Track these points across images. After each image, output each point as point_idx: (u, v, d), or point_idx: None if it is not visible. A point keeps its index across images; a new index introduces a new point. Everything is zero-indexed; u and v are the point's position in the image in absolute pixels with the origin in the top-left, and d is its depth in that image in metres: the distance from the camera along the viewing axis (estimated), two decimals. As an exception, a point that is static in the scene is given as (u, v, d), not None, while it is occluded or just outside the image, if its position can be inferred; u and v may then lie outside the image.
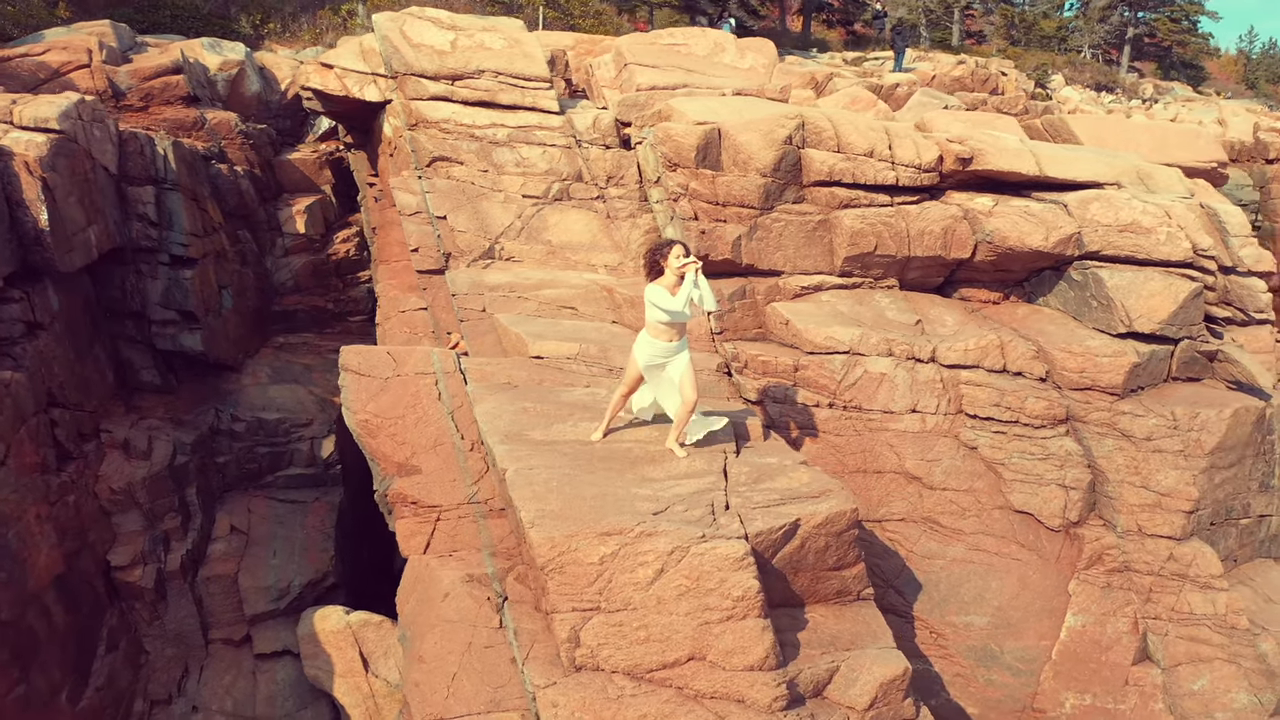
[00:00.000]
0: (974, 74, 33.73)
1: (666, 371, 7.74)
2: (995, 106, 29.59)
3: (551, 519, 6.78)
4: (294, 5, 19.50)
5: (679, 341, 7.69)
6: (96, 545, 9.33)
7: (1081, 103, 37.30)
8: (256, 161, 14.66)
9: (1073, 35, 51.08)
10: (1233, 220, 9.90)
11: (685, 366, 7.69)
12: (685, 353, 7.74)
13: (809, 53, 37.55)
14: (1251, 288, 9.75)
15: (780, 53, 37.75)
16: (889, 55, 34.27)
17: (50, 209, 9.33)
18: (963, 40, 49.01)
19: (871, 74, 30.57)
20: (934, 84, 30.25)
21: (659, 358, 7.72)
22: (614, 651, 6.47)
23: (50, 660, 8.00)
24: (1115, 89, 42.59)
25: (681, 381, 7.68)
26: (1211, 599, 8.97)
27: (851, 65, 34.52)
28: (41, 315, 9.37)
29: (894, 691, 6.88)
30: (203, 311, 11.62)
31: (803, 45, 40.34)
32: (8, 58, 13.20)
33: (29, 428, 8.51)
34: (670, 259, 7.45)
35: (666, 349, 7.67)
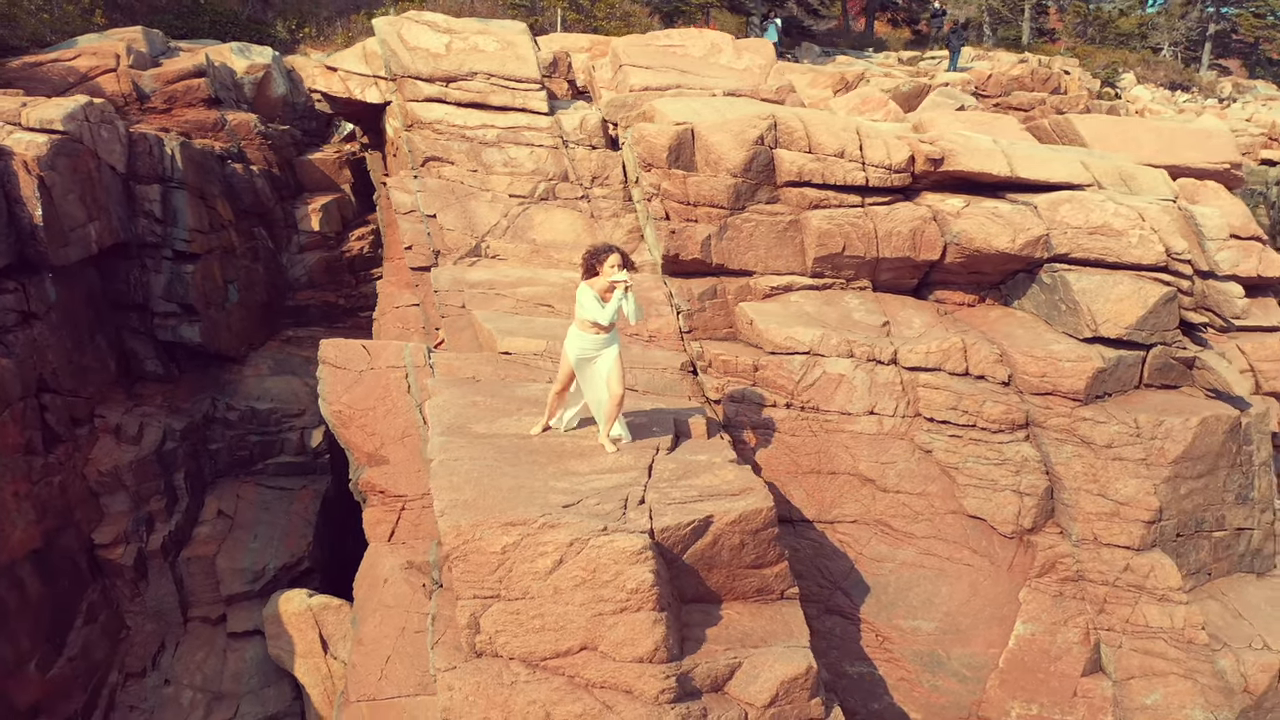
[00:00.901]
0: (1034, 73, 32.93)
1: (595, 366, 7.86)
2: (1054, 106, 28.96)
3: (461, 508, 6.95)
4: (329, 10, 20.12)
5: (607, 335, 7.80)
6: (82, 524, 9.86)
7: (1152, 102, 36.15)
8: (275, 161, 15.21)
9: (1153, 33, 49.49)
10: (1210, 223, 9.59)
11: (613, 361, 7.80)
12: (614, 347, 7.84)
13: (863, 53, 37.15)
14: (1228, 293, 9.43)
15: (832, 52, 37.48)
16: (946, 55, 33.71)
17: (46, 206, 9.89)
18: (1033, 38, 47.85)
19: (925, 74, 30.16)
20: (990, 84, 29.72)
21: (589, 351, 7.85)
22: (510, 639, 6.62)
23: (20, 630, 8.51)
24: (1190, 88, 41.13)
25: (609, 376, 7.79)
26: (1169, 612, 8.73)
27: (906, 65, 34.08)
28: (37, 306, 9.94)
29: (796, 690, 6.88)
30: (203, 305, 12.15)
31: (859, 45, 39.90)
32: (40, 62, 13.96)
33: (14, 411, 9.05)
34: (604, 268, 7.58)
35: (595, 342, 7.79)
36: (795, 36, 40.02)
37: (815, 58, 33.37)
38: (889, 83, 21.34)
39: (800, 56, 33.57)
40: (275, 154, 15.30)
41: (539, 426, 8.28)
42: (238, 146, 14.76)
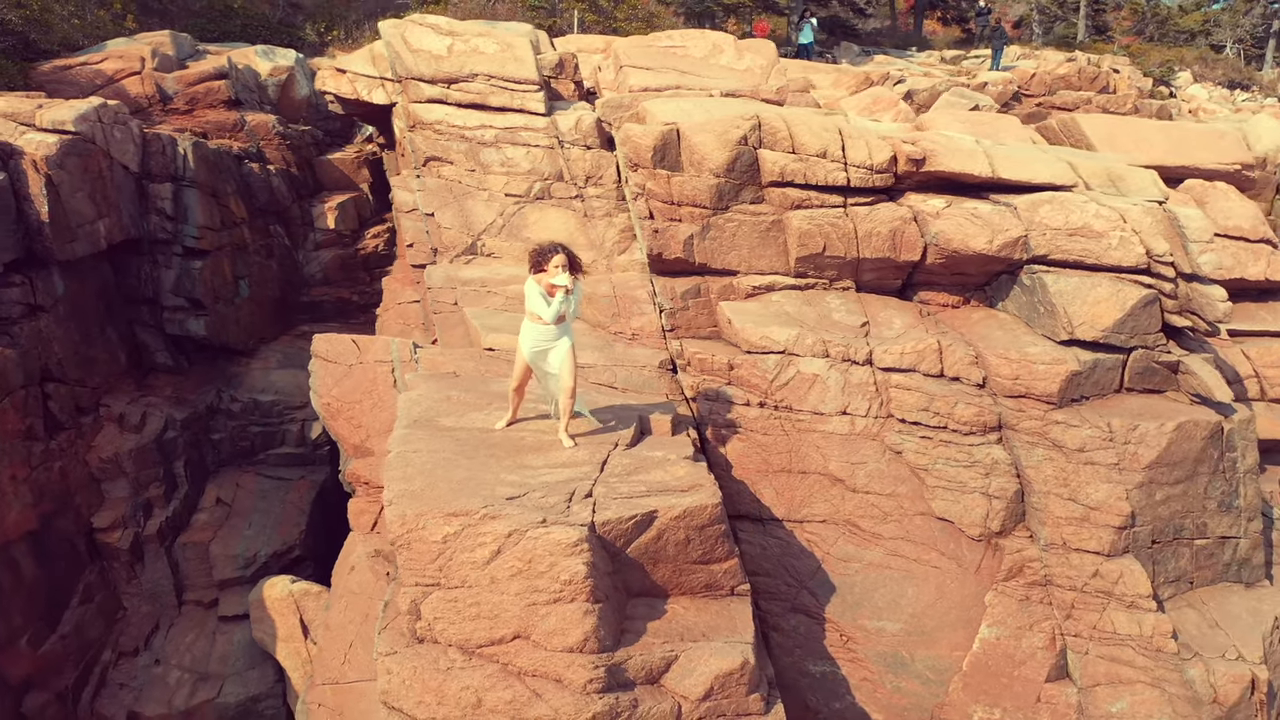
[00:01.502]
0: (1081, 72, 32.30)
1: (549, 359, 7.99)
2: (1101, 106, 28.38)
3: (409, 498, 7.15)
4: (358, 13, 20.58)
5: (558, 328, 7.91)
6: (82, 508, 10.29)
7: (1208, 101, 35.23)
8: (293, 161, 15.63)
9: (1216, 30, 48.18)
10: (1193, 225, 9.40)
11: (564, 354, 7.92)
12: (564, 340, 7.95)
13: (906, 52, 36.77)
14: (1210, 296, 9.24)
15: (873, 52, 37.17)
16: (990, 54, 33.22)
17: (53, 203, 10.34)
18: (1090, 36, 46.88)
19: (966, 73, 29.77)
20: (1033, 83, 29.20)
21: (541, 343, 7.97)
22: (448, 626, 6.80)
23: (13, 608, 8.92)
24: (1250, 86, 39.96)
25: (560, 369, 7.92)
26: (1138, 619, 8.60)
27: (949, 65, 33.66)
28: (43, 299, 10.40)
29: (732, 685, 6.94)
30: (211, 300, 12.57)
31: (904, 44, 39.48)
32: (69, 65, 14.55)
33: (14, 399, 9.49)
34: (549, 267, 7.71)
35: (545, 334, 7.92)
36: (839, 35, 39.81)
37: (854, 57, 33.12)
38: (925, 82, 21.13)
39: (839, 56, 33.37)
40: (294, 154, 15.72)
41: (503, 421, 8.44)
42: (257, 146, 15.20)
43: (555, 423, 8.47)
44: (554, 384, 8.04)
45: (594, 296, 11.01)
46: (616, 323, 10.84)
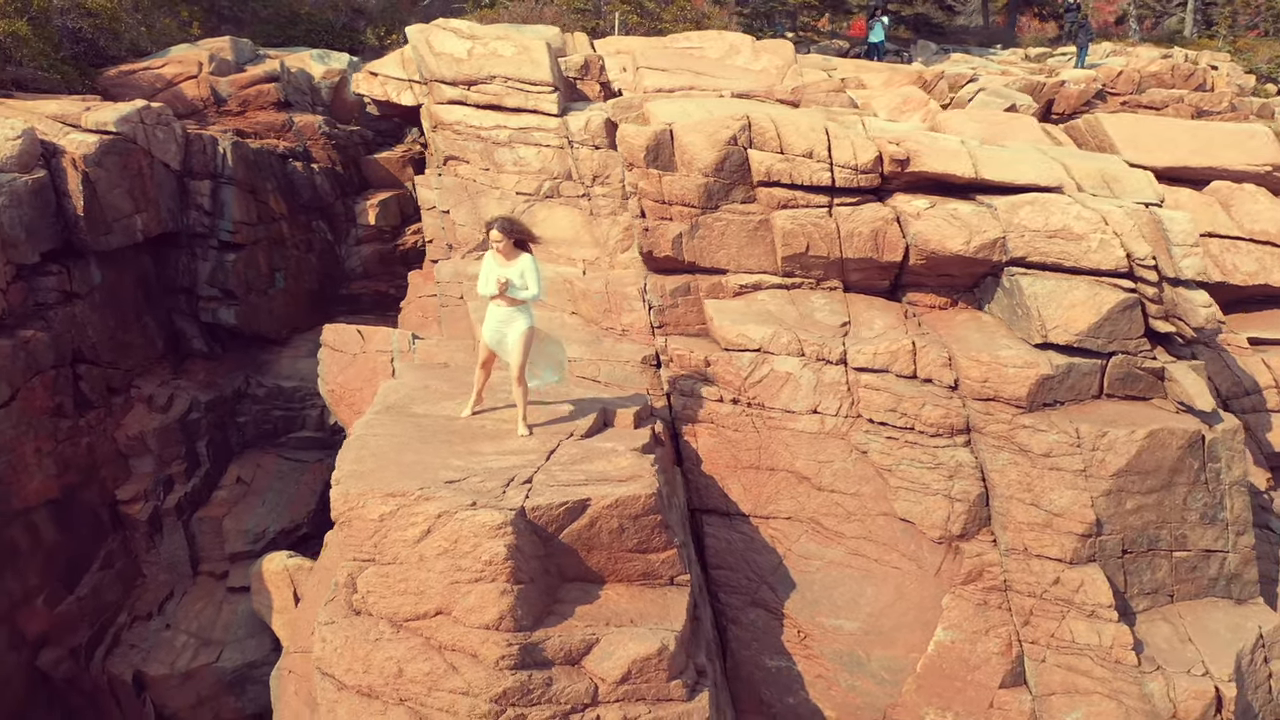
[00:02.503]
0: (1175, 69, 31.06)
1: (506, 342, 8.27)
2: (1194, 105, 27.25)
3: (355, 478, 7.56)
4: (419, 17, 21.30)
5: (512, 309, 8.21)
6: (108, 480, 11.10)
7: (1318, 98, 33.42)
8: (339, 160, 16.37)
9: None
10: (1176, 228, 9.10)
11: (517, 336, 8.21)
12: (519, 321, 8.23)
13: (989, 50, 35.92)
14: (1193, 301, 8.95)
15: (953, 49, 36.42)
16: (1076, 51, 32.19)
17: (89, 198, 11.17)
18: (1195, 32, 44.88)
19: (1048, 71, 28.94)
20: (1120, 81, 28.23)
21: (495, 325, 8.29)
22: (379, 599, 7.19)
23: (29, 569, 9.72)
24: (1376, 84, 37.67)
25: (510, 353, 8.20)
26: (1097, 629, 8.43)
27: (1033, 62, 32.75)
28: (79, 286, 11.24)
29: (650, 670, 7.13)
30: (243, 290, 13.33)
31: (989, 42, 38.56)
32: (133, 70, 15.57)
33: (44, 379, 10.31)
34: (489, 238, 8.09)
35: (498, 314, 8.25)
36: (923, 33, 39.16)
37: (930, 56, 32.53)
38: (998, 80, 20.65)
39: (915, 55, 32.85)
40: (340, 153, 16.46)
41: (467, 409, 8.77)
42: (303, 146, 15.99)
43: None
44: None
45: (588, 292, 11.30)
46: (608, 318, 11.11)
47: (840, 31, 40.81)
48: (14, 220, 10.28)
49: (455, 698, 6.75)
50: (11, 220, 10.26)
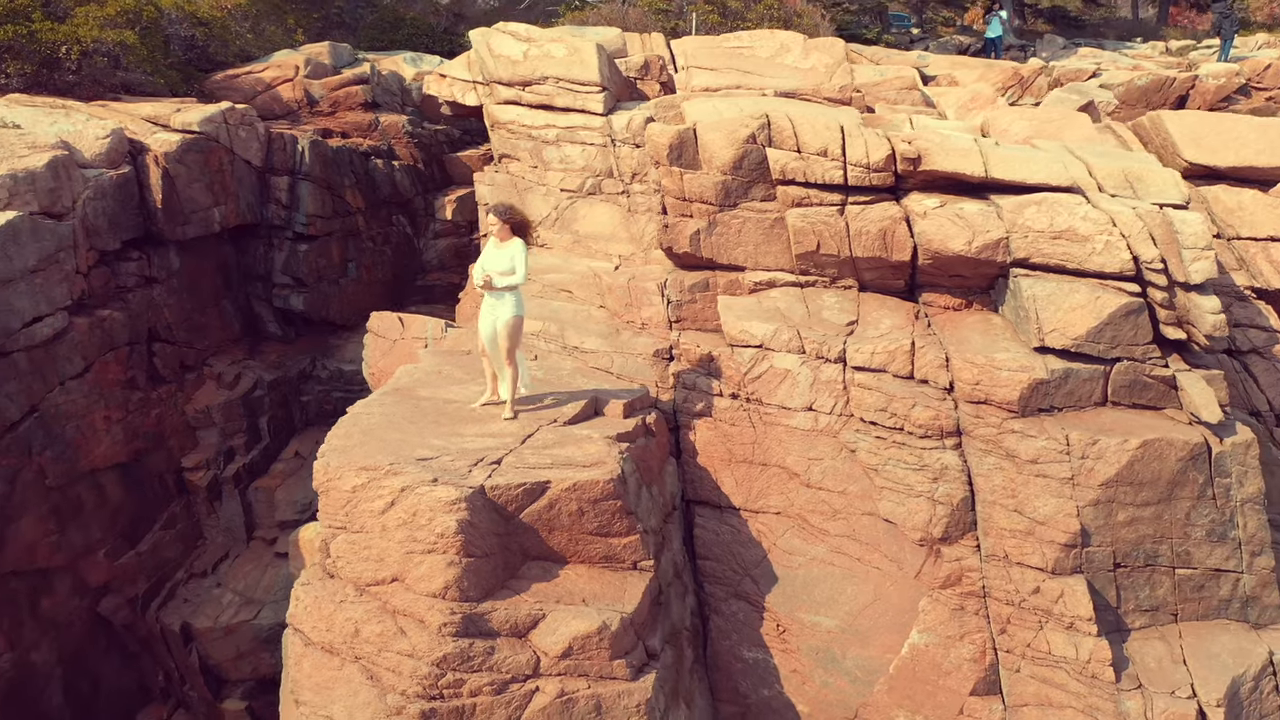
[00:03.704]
0: (1332, 62, 28.89)
1: (494, 331, 8.71)
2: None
3: (338, 453, 8.15)
4: (516, 20, 22.03)
5: (498, 298, 8.64)
6: (175, 449, 12.19)
7: None
8: (421, 158, 17.26)
9: None
10: (1188, 230, 8.63)
11: (502, 324, 8.63)
12: (505, 311, 8.64)
13: (1127, 44, 34.17)
14: (1202, 307, 8.49)
15: (1084, 43, 34.83)
16: (1221, 44, 30.28)
17: (167, 192, 12.28)
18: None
19: (1187, 66, 27.37)
20: (1268, 75, 26.44)
21: (486, 315, 8.76)
22: (347, 564, 7.74)
23: (93, 523, 10.81)
24: None
25: (499, 336, 8.62)
26: (1075, 642, 8.19)
27: (1173, 56, 30.99)
28: (157, 272, 12.38)
29: (592, 647, 7.44)
30: (314, 279, 14.30)
31: (1128, 35, 36.69)
32: (237, 75, 16.87)
33: (119, 354, 11.43)
34: (488, 219, 8.59)
35: (487, 305, 8.71)
36: (1061, 26, 37.63)
37: (1057, 50, 31.23)
38: (1122, 76, 19.73)
39: (1041, 49, 31.60)
40: (422, 151, 17.34)
41: (481, 400, 9.11)
42: (388, 144, 16.94)
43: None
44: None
45: (613, 287, 11.63)
46: (629, 312, 11.41)
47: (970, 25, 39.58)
48: (97, 211, 11.45)
49: (401, 659, 7.24)
50: (95, 211, 11.43)
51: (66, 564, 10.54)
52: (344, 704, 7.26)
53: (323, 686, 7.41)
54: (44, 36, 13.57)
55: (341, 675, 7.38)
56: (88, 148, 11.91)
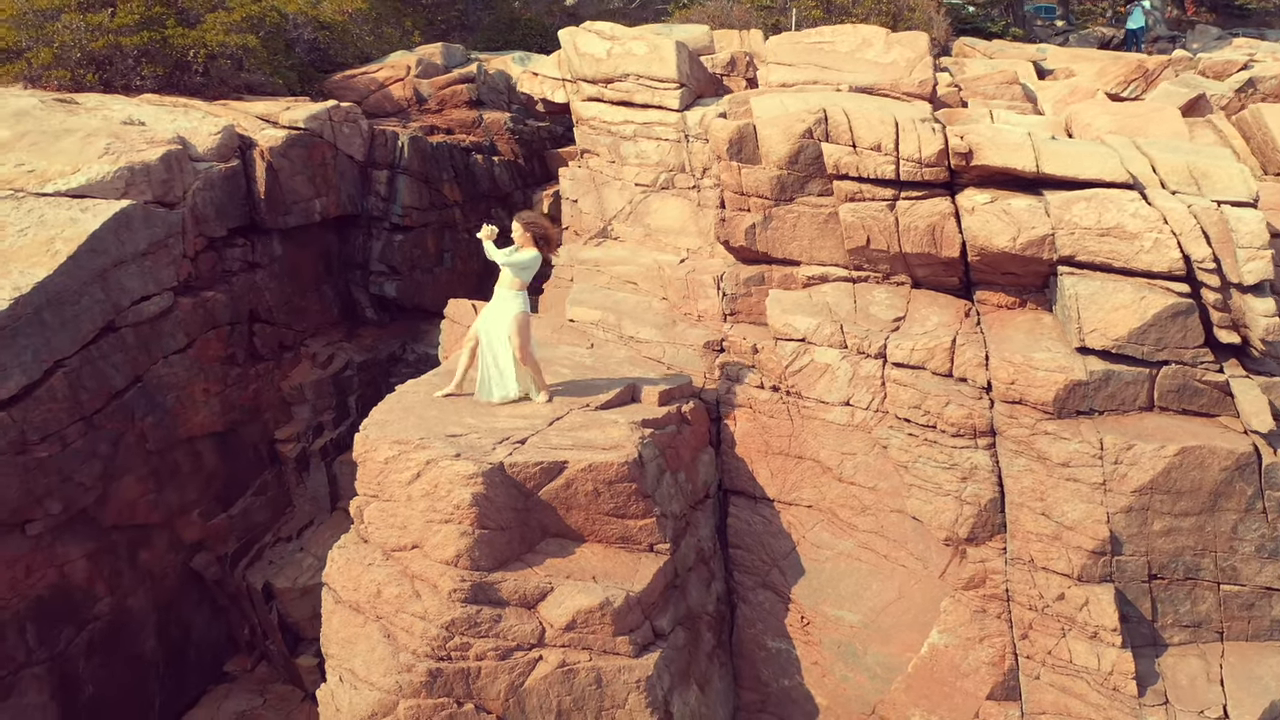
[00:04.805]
0: None
1: (499, 326, 9.12)
2: None
3: (377, 426, 8.74)
4: (628, 20, 22.46)
5: (505, 295, 9.08)
6: (269, 422, 13.16)
7: None
8: (521, 153, 17.90)
9: None
10: (1243, 229, 8.11)
11: (509, 318, 8.99)
12: (512, 306, 9.04)
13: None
14: (1254, 309, 8.00)
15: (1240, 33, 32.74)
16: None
17: (270, 184, 13.27)
18: None
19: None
20: None
21: (490, 311, 9.20)
22: (376, 530, 8.31)
23: (189, 485, 11.82)
24: None
25: (508, 331, 9.01)
26: (1098, 652, 7.93)
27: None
28: (260, 258, 13.38)
29: (595, 622, 7.75)
30: (407, 268, 15.10)
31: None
32: (353, 75, 17.94)
33: (220, 332, 12.45)
34: (512, 225, 9.09)
35: (495, 298, 9.16)
36: (1223, 16, 35.42)
37: (1209, 41, 29.41)
38: (1277, 69, 18.53)
39: (1190, 40, 29.79)
40: (524, 147, 17.98)
41: (544, 396, 9.46)
42: (490, 140, 17.65)
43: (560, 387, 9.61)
44: None
45: (673, 279, 11.86)
46: (686, 304, 11.62)
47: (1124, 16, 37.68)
48: (206, 201, 12.50)
49: (414, 620, 7.72)
50: (204, 201, 12.48)
51: (163, 521, 11.59)
52: (363, 658, 7.81)
53: (347, 641, 7.98)
54: (175, 41, 14.85)
55: (363, 632, 7.93)
56: (201, 143, 13.01)
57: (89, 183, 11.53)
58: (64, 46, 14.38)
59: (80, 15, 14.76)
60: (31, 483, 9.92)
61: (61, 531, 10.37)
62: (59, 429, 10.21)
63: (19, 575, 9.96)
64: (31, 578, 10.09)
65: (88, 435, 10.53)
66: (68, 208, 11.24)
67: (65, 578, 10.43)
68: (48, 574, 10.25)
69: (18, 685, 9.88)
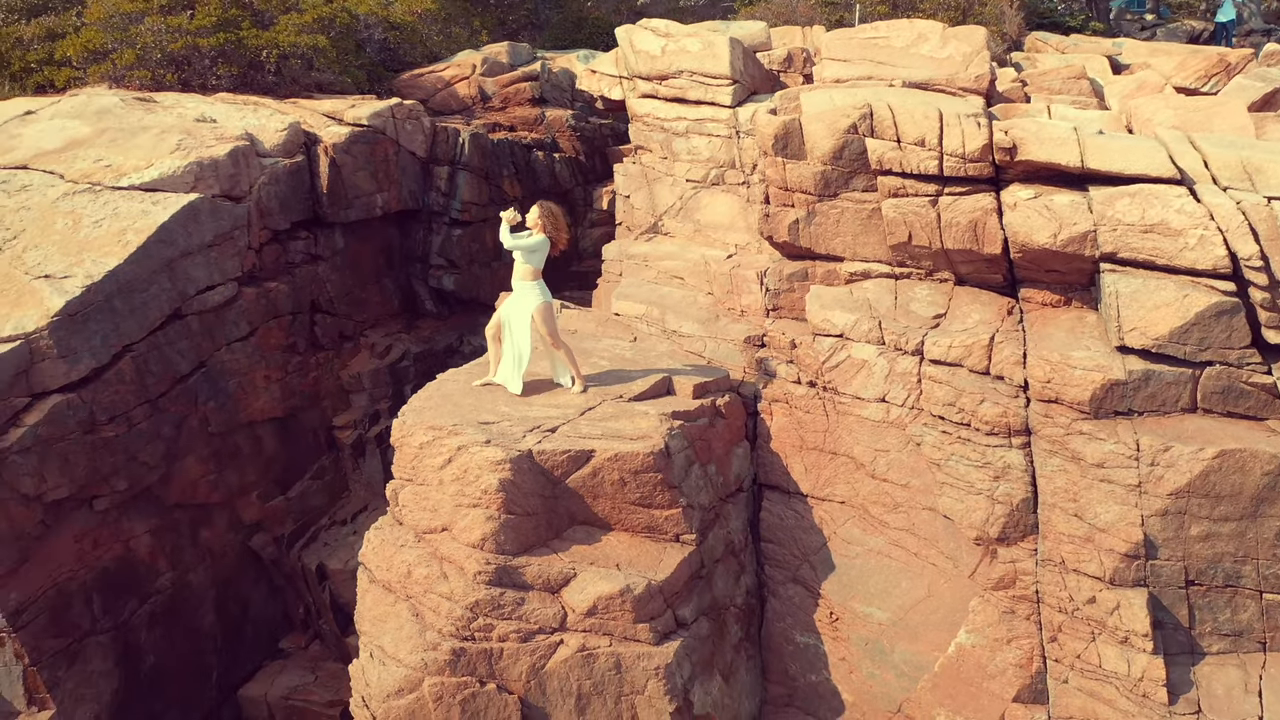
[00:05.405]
0: None
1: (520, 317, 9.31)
2: None
3: (415, 412, 9.02)
4: (694, 18, 22.49)
5: (525, 287, 9.31)
6: (328, 409, 13.61)
7: None
8: (583, 150, 18.11)
9: None
10: (1294, 225, 7.83)
11: (533, 309, 9.20)
12: (532, 297, 9.25)
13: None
14: (1303, 310, 7.71)
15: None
16: None
17: (333, 179, 13.71)
18: None
19: None
20: None
21: (513, 300, 9.38)
22: (410, 513, 8.58)
23: (248, 467, 12.31)
24: None
25: (536, 324, 9.20)
26: (1128, 657, 7.75)
27: None
28: (322, 250, 13.84)
29: (615, 608, 7.89)
30: (466, 262, 15.44)
31: None
32: (421, 74, 18.39)
33: (282, 322, 12.93)
34: (529, 211, 9.45)
35: (516, 290, 9.41)
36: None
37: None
38: None
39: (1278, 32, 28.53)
40: (585, 144, 18.19)
41: (579, 386, 9.60)
42: (551, 137, 17.91)
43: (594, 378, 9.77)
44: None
45: (719, 274, 11.92)
46: (730, 299, 11.67)
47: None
48: (270, 195, 13.00)
49: (441, 600, 7.97)
50: (269, 195, 12.98)
51: (223, 501, 12.10)
52: (392, 636, 8.08)
53: (378, 619, 8.27)
54: (249, 42, 15.45)
55: (394, 611, 8.21)
56: (268, 139, 13.52)
57: (161, 177, 12.09)
58: (146, 48, 15.08)
59: (162, 18, 15.46)
60: (99, 461, 10.47)
61: (127, 508, 10.92)
62: (126, 410, 10.75)
63: (86, 548, 10.52)
64: (98, 550, 10.65)
65: (153, 417, 11.06)
66: (140, 200, 11.81)
67: (130, 552, 10.98)
68: (114, 548, 10.80)
69: (83, 652, 10.44)
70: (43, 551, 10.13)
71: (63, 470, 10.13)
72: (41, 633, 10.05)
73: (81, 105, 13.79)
